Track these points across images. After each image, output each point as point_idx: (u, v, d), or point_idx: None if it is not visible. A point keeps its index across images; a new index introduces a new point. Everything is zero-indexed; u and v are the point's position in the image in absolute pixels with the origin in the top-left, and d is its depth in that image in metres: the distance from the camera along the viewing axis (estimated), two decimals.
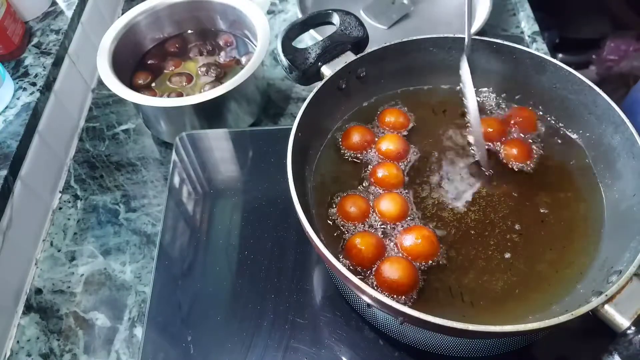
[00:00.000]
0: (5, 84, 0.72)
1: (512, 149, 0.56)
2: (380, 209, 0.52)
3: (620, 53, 1.02)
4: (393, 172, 0.54)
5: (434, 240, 0.49)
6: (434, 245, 0.49)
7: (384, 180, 0.54)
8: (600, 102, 0.53)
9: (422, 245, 0.49)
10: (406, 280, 0.46)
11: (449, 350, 0.51)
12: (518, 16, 0.95)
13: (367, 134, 0.58)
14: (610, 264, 0.46)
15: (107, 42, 0.77)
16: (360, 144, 0.57)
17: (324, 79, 0.56)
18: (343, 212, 0.52)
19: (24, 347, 0.63)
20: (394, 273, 0.46)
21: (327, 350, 0.52)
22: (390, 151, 0.56)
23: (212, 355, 0.53)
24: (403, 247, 0.49)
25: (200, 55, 0.84)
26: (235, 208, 0.64)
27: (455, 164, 0.57)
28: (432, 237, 0.49)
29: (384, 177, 0.54)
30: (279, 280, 0.57)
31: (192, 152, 0.70)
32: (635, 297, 0.40)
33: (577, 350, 0.53)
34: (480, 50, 0.59)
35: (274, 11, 1.00)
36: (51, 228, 0.74)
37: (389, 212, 0.51)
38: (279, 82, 0.88)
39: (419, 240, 0.49)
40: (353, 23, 0.59)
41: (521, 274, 0.48)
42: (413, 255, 0.49)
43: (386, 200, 0.52)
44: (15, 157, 0.67)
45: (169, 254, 0.61)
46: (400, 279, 0.46)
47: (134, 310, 0.65)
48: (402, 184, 0.54)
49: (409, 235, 0.49)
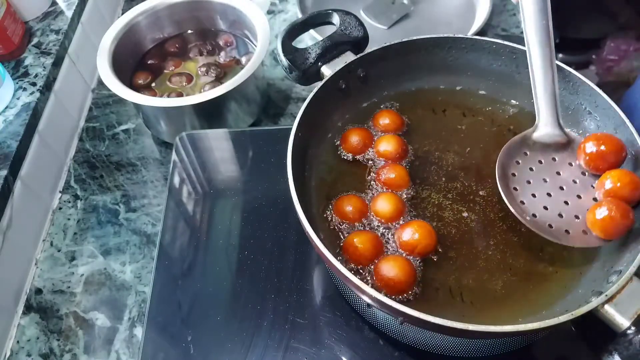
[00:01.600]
0: (5, 84, 0.72)
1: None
2: (376, 208, 0.52)
3: (620, 53, 1.02)
4: (399, 174, 0.54)
5: (431, 231, 0.49)
6: (431, 236, 0.49)
7: (390, 181, 0.54)
8: (600, 102, 0.53)
9: (419, 238, 0.48)
10: (404, 278, 0.46)
11: (449, 350, 0.51)
12: (518, 16, 0.95)
13: (365, 136, 0.58)
14: (610, 264, 0.46)
15: (107, 42, 0.77)
16: (359, 147, 0.57)
17: (324, 79, 0.57)
18: (340, 212, 0.52)
19: (24, 347, 0.63)
20: (391, 271, 0.46)
21: (327, 350, 0.52)
22: (388, 152, 0.56)
23: (212, 355, 0.53)
24: (401, 241, 0.49)
25: (200, 55, 0.84)
26: (235, 208, 0.64)
27: (455, 164, 0.56)
28: (428, 228, 0.49)
29: (388, 179, 0.54)
30: (279, 280, 0.57)
31: (192, 152, 0.70)
32: (635, 297, 0.40)
33: (577, 350, 0.53)
34: (480, 50, 0.59)
35: (274, 11, 1.00)
36: (51, 228, 0.74)
37: (384, 211, 0.51)
38: (279, 82, 0.88)
39: (416, 235, 0.49)
40: (353, 23, 0.59)
41: (521, 273, 0.48)
42: (410, 248, 0.49)
43: (382, 200, 0.52)
44: (15, 157, 0.67)
45: (169, 254, 0.61)
46: (397, 277, 0.46)
47: (134, 310, 0.65)
48: (407, 185, 0.54)
49: (406, 229, 0.49)
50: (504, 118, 0.60)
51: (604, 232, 0.46)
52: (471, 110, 0.61)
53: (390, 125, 0.59)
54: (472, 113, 0.61)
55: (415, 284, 0.47)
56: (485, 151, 0.57)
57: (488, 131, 0.59)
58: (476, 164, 0.56)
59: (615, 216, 0.45)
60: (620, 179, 0.47)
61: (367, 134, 0.58)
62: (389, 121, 0.59)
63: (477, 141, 0.58)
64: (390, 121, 0.59)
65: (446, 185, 0.55)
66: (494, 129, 0.59)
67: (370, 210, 0.52)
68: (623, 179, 0.47)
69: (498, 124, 0.60)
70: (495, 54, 0.59)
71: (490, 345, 0.51)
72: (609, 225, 0.45)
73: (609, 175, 0.48)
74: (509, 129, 0.59)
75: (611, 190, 0.47)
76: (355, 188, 0.55)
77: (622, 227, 0.45)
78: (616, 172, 0.48)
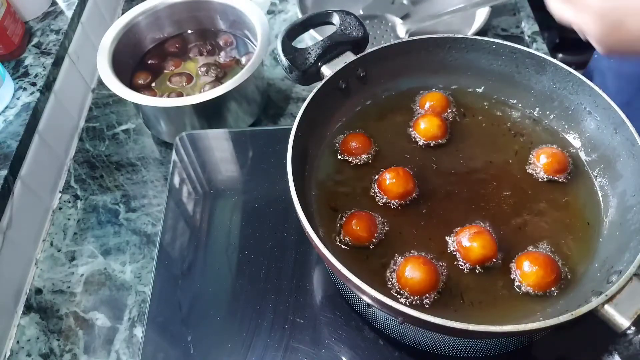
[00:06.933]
0: (5, 84, 0.72)
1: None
2: (386, 185, 0.53)
3: None
4: (402, 182, 0.54)
5: (408, 175, 0.53)
6: (408, 181, 0.52)
7: (392, 188, 0.54)
8: (600, 102, 0.53)
9: (396, 183, 0.53)
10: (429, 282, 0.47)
11: (449, 350, 0.51)
12: (518, 16, 0.95)
13: (365, 142, 0.58)
14: (610, 264, 0.46)
15: (107, 42, 0.77)
16: (359, 150, 0.57)
17: (324, 79, 0.56)
18: (351, 231, 0.51)
19: (24, 347, 0.63)
20: (415, 273, 0.47)
21: (327, 350, 0.52)
22: (394, 190, 0.54)
23: (212, 355, 0.53)
24: (381, 188, 0.53)
25: (200, 55, 0.84)
26: (235, 208, 0.64)
27: (455, 171, 0.57)
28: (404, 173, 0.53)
29: (391, 186, 0.54)
30: (279, 280, 0.57)
31: (192, 152, 0.70)
32: (635, 297, 0.40)
33: (577, 350, 0.53)
34: (480, 50, 0.59)
35: (274, 11, 1.00)
36: (51, 228, 0.74)
37: (392, 187, 0.53)
38: (279, 82, 0.88)
39: (394, 180, 0.53)
40: (353, 23, 0.59)
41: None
42: (392, 194, 0.53)
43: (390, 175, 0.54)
44: (15, 157, 0.67)
45: (169, 254, 0.61)
46: (423, 280, 0.47)
47: (134, 310, 0.65)
48: (413, 190, 0.54)
49: (386, 174, 0.53)
50: (503, 118, 0.60)
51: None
52: (471, 110, 0.61)
53: (358, 149, 0.57)
54: (472, 113, 0.61)
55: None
56: (485, 151, 0.57)
57: (488, 131, 0.59)
58: (476, 165, 0.56)
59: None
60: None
61: (365, 139, 0.58)
62: (357, 144, 0.58)
63: (477, 141, 0.58)
64: (357, 144, 0.58)
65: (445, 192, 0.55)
66: (494, 129, 0.59)
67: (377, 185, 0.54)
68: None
69: (498, 123, 0.60)
70: (495, 54, 0.59)
71: (490, 345, 0.51)
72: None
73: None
74: (509, 129, 0.59)
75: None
76: (356, 188, 0.55)
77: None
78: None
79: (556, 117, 0.59)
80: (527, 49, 0.57)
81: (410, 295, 0.47)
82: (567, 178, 0.54)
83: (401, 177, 0.53)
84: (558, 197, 0.53)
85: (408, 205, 0.53)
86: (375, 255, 0.50)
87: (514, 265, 0.48)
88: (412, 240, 0.51)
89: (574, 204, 0.53)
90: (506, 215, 0.52)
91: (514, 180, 0.55)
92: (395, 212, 0.53)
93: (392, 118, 0.61)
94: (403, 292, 0.47)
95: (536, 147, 0.57)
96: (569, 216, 0.52)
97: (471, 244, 0.48)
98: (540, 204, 0.53)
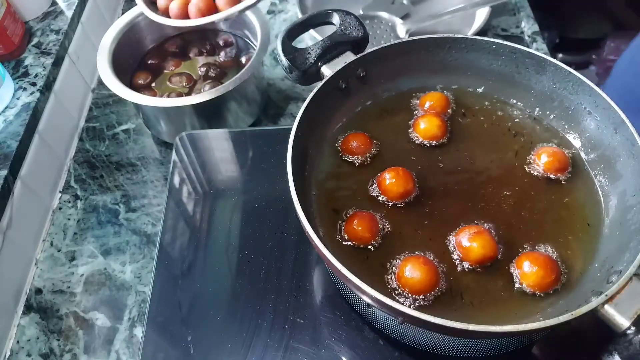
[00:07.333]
0: (5, 84, 0.72)
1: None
2: (385, 185, 0.53)
3: (620, 53, 1.02)
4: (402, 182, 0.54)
5: (407, 175, 0.53)
6: (408, 181, 0.53)
7: (392, 187, 0.53)
8: (600, 102, 0.53)
9: (396, 183, 0.53)
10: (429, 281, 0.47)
11: (449, 350, 0.51)
12: (518, 16, 0.95)
13: (365, 142, 0.58)
14: (610, 264, 0.46)
15: (107, 42, 0.77)
16: (360, 149, 0.57)
17: (324, 79, 0.56)
18: (352, 231, 0.51)
19: (24, 347, 0.63)
20: (415, 273, 0.47)
21: (327, 350, 0.52)
22: (394, 190, 0.54)
23: (212, 355, 0.53)
24: (381, 188, 0.53)
25: (200, 55, 0.84)
26: (235, 208, 0.64)
27: (455, 171, 0.57)
28: (404, 173, 0.53)
29: (391, 186, 0.53)
30: (279, 280, 0.57)
31: (192, 152, 0.70)
32: (635, 297, 0.40)
33: (577, 350, 0.53)
34: (480, 50, 0.59)
35: (274, 11, 1.00)
36: (51, 228, 0.74)
37: (392, 186, 0.53)
38: (279, 82, 0.88)
39: (393, 179, 0.53)
40: (353, 23, 0.59)
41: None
42: (391, 194, 0.53)
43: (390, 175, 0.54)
44: (15, 157, 0.67)
45: (169, 254, 0.61)
46: (422, 280, 0.47)
47: (134, 310, 0.65)
48: (413, 192, 0.54)
49: (386, 174, 0.53)
50: (503, 118, 0.60)
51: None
52: (471, 109, 0.61)
53: (359, 149, 0.57)
54: (472, 113, 0.61)
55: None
56: (485, 151, 0.57)
57: (488, 131, 0.59)
58: (476, 164, 0.56)
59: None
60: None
61: (366, 139, 0.58)
62: (358, 144, 0.58)
63: (477, 141, 0.58)
64: (358, 144, 0.58)
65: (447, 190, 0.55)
66: (494, 129, 0.59)
67: (376, 184, 0.54)
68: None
69: (498, 123, 0.60)
70: (495, 54, 0.59)
71: (490, 345, 0.51)
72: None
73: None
74: (509, 128, 0.59)
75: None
76: (356, 188, 0.55)
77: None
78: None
79: (556, 117, 0.59)
80: (527, 49, 0.57)
81: (410, 295, 0.47)
82: (567, 178, 0.54)
83: (401, 177, 0.53)
84: (558, 197, 0.53)
85: (408, 205, 0.53)
86: (375, 255, 0.50)
87: (514, 265, 0.48)
88: (412, 240, 0.51)
89: (574, 204, 0.53)
90: (506, 215, 0.52)
91: (514, 180, 0.55)
92: (395, 212, 0.53)
93: (392, 118, 0.61)
94: (403, 292, 0.47)
95: (536, 146, 0.57)
96: (569, 216, 0.52)
97: (471, 244, 0.48)
98: (540, 204, 0.53)
